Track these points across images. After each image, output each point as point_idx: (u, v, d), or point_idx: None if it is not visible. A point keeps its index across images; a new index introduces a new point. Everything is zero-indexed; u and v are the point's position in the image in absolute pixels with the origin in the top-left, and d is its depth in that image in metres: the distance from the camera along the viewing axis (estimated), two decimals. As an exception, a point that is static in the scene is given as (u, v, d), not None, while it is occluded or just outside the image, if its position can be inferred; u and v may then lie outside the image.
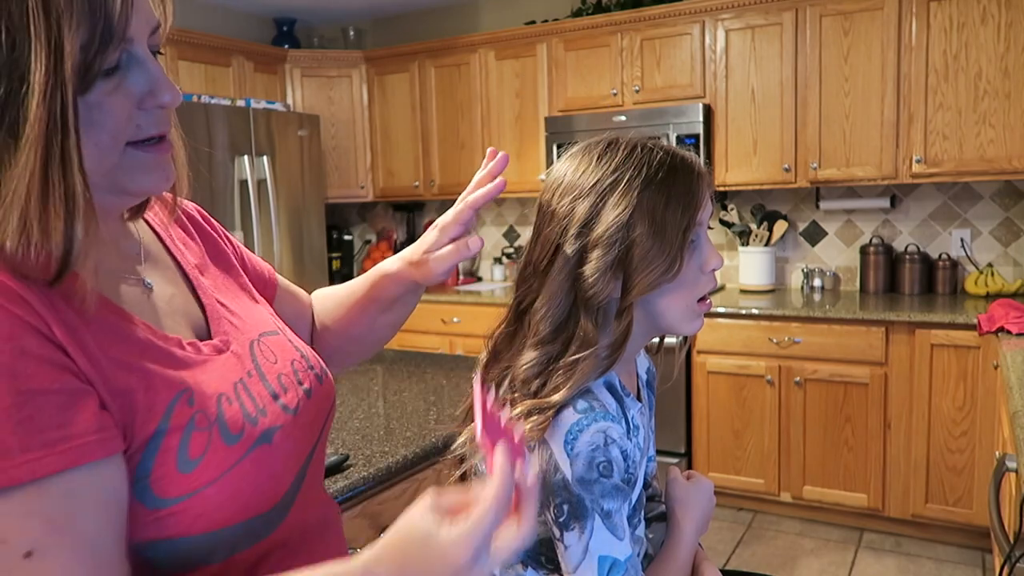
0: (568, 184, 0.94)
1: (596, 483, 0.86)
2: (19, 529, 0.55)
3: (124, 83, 0.64)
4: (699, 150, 3.49)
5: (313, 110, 4.34)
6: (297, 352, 0.84)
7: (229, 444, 0.69)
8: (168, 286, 0.78)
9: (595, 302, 0.90)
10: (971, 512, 2.96)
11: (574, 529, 0.86)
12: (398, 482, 1.51)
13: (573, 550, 0.86)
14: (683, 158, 0.95)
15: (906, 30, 3.16)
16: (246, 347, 0.79)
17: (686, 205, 0.93)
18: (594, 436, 0.87)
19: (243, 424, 0.71)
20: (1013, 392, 1.86)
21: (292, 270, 3.91)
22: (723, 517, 3.39)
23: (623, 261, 0.90)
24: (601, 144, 0.96)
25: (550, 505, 0.88)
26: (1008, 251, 3.40)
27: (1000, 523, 1.47)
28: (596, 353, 0.91)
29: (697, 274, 0.96)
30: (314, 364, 0.85)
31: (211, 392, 0.70)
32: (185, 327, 0.76)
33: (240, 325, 0.81)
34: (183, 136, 0.76)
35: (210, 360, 0.73)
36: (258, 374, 0.77)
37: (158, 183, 0.70)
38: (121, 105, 0.63)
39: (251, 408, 0.73)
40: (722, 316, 3.33)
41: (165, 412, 0.66)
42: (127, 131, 0.65)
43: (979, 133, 3.07)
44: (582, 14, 3.96)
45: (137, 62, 0.65)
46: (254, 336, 0.81)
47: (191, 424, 0.67)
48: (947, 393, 2.95)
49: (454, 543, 0.56)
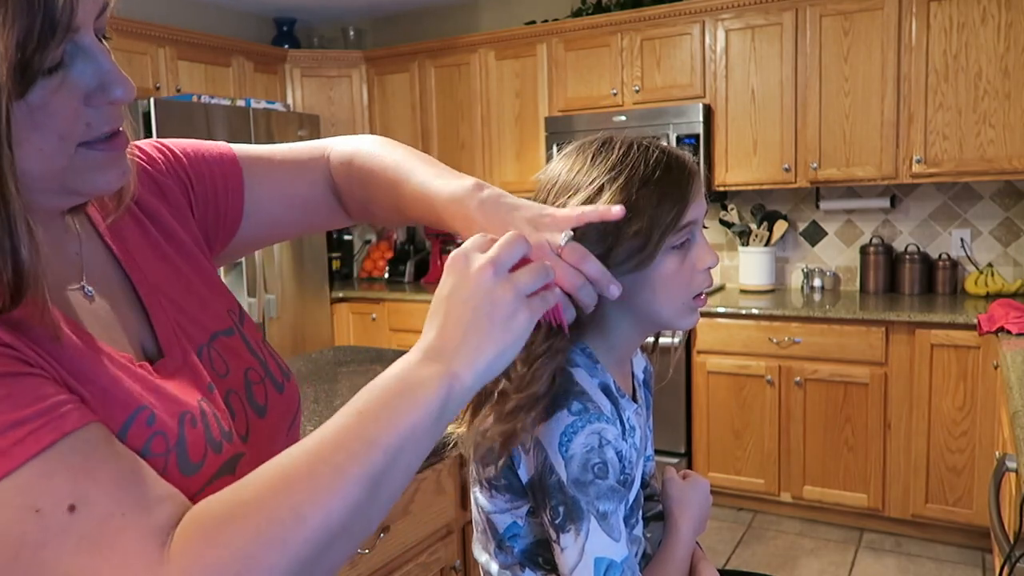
0: (563, 183, 0.94)
1: (591, 485, 0.86)
2: (48, 492, 0.50)
3: (69, 78, 0.55)
4: (699, 150, 3.49)
5: (313, 110, 4.34)
6: (253, 358, 0.75)
7: (186, 474, 0.60)
8: (109, 293, 0.68)
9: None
10: (971, 512, 2.96)
11: (570, 531, 0.86)
12: (398, 482, 1.51)
13: (569, 552, 0.86)
14: (677, 156, 0.96)
15: (906, 30, 3.15)
16: (197, 358, 0.70)
17: (678, 203, 0.93)
18: (588, 438, 0.87)
19: (205, 450, 0.62)
20: (1013, 392, 1.86)
21: (292, 270, 3.91)
22: (723, 517, 3.39)
23: (606, 256, 0.88)
24: (596, 143, 0.96)
25: (546, 507, 0.88)
26: (1008, 251, 3.40)
27: (1000, 523, 1.47)
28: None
29: (692, 272, 0.96)
30: (273, 371, 0.76)
31: (174, 410, 0.62)
32: (130, 343, 0.67)
33: (190, 328, 0.71)
34: (134, 125, 0.67)
35: (164, 380, 0.65)
36: (214, 392, 0.68)
37: (113, 181, 0.62)
38: (67, 103, 0.55)
39: (216, 432, 0.64)
40: (722, 316, 3.33)
41: (120, 430, 0.58)
42: (76, 132, 0.57)
43: (979, 133, 3.07)
44: (582, 14, 3.96)
45: (83, 54, 0.56)
46: (204, 340, 0.72)
47: (146, 448, 0.58)
48: (947, 393, 2.95)
49: (479, 263, 0.60)
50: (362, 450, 0.55)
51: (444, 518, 1.66)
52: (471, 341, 0.58)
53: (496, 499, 0.95)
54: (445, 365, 0.58)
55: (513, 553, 0.96)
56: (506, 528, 0.95)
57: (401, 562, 1.55)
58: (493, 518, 0.96)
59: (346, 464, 0.54)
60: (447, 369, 0.58)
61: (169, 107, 3.30)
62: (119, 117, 0.61)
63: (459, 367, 0.58)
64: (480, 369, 0.59)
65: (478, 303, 0.59)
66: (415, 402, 0.57)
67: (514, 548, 0.95)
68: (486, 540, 0.99)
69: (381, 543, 1.47)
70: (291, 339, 3.89)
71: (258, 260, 3.64)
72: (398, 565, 1.54)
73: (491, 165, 4.16)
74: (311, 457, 0.55)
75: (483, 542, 1.00)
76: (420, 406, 0.57)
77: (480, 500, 0.97)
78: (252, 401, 0.72)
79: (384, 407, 0.57)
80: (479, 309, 0.58)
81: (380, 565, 1.49)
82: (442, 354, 0.59)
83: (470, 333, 0.58)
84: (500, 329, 0.59)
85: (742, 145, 3.52)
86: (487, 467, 0.94)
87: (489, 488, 0.95)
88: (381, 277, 4.75)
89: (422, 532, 1.60)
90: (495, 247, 0.61)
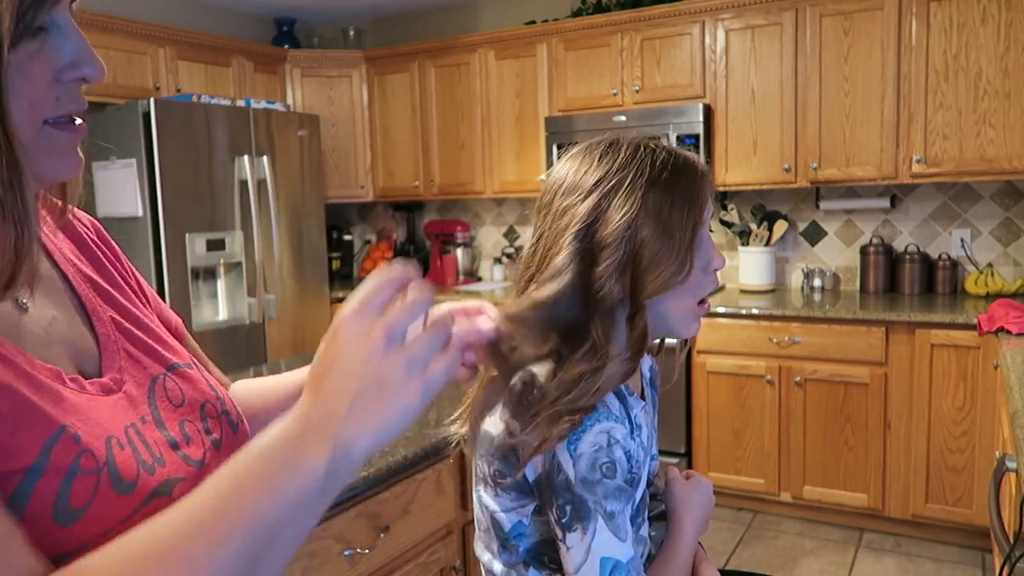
0: (570, 185, 0.93)
1: (599, 484, 0.86)
2: None
3: (45, 47, 0.55)
4: (699, 150, 3.49)
5: (313, 110, 4.34)
6: (211, 392, 0.72)
7: (120, 493, 0.57)
8: (50, 308, 0.65)
9: (605, 304, 0.90)
10: (971, 512, 2.96)
11: (576, 530, 0.86)
12: (398, 482, 1.51)
13: (575, 551, 0.86)
14: (686, 158, 0.95)
15: (906, 30, 3.15)
16: (144, 387, 0.66)
17: (691, 205, 0.92)
18: (597, 437, 0.87)
19: (138, 471, 0.59)
20: (1013, 392, 1.86)
21: (292, 270, 3.91)
22: (723, 517, 3.39)
23: (631, 263, 0.90)
24: (603, 144, 0.96)
25: (553, 505, 0.88)
26: (1008, 251, 3.40)
27: (1000, 523, 1.47)
28: (621, 357, 0.91)
29: (700, 274, 0.96)
30: (230, 409, 0.73)
31: (99, 433, 0.59)
32: (66, 359, 0.63)
33: (143, 358, 0.69)
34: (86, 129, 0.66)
35: (95, 399, 0.61)
36: (154, 421, 0.65)
37: (71, 168, 0.61)
38: (42, 72, 0.55)
39: (146, 456, 0.61)
40: (722, 316, 3.33)
41: (43, 449, 0.54)
42: (46, 104, 0.56)
43: (979, 133, 3.07)
44: (582, 14, 3.96)
45: (60, 28, 0.56)
46: (159, 371, 0.69)
47: (75, 465, 0.55)
48: (947, 393, 2.95)
49: (371, 332, 0.54)
50: (241, 525, 0.50)
51: (444, 518, 1.66)
52: (357, 415, 0.53)
53: (501, 498, 0.94)
54: (330, 438, 0.52)
55: (518, 552, 0.95)
56: (512, 527, 0.95)
57: (401, 562, 1.55)
58: (498, 517, 0.96)
59: (225, 539, 0.50)
60: (332, 442, 0.52)
61: (169, 107, 3.30)
62: (84, 102, 0.60)
63: (345, 440, 0.52)
64: (366, 444, 0.53)
65: (365, 377, 0.53)
66: (298, 475, 0.51)
67: (519, 547, 0.95)
68: (489, 539, 0.99)
69: (381, 543, 1.47)
70: (291, 339, 3.89)
71: (258, 260, 3.64)
72: (398, 565, 1.54)
73: (491, 165, 4.16)
74: (189, 529, 0.50)
75: (486, 541, 1.00)
76: (304, 479, 0.51)
77: (484, 499, 0.97)
78: (208, 432, 0.69)
79: (264, 479, 0.51)
80: (366, 383, 0.53)
81: (380, 565, 1.49)
82: (328, 425, 0.53)
83: (356, 406, 0.53)
84: (388, 404, 0.53)
85: (742, 145, 3.52)
86: (493, 465, 0.94)
87: (494, 486, 0.95)
88: (381, 277, 4.74)
89: (422, 532, 1.60)
90: (390, 313, 0.55)
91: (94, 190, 3.35)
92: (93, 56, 0.58)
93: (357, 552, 1.41)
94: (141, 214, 3.27)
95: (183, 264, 3.35)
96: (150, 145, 3.23)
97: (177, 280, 3.33)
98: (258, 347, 3.72)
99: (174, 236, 3.31)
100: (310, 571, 1.32)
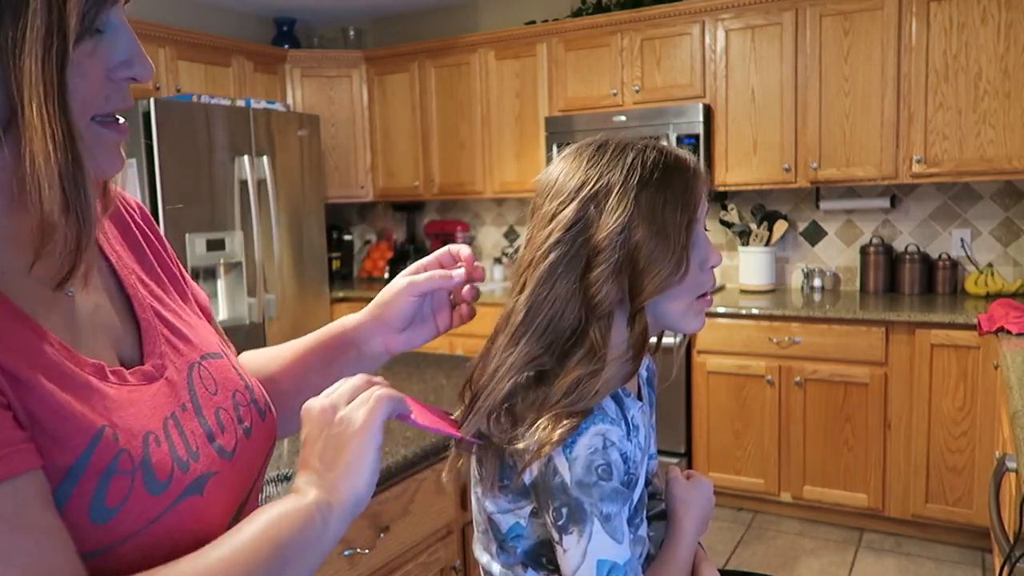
0: (560, 187, 0.93)
1: (595, 486, 0.86)
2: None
3: (100, 46, 0.58)
4: (699, 150, 3.49)
5: (313, 110, 4.34)
6: (241, 381, 0.76)
7: (153, 493, 0.60)
8: (93, 295, 0.67)
9: (602, 308, 0.90)
10: (971, 512, 2.96)
11: (572, 533, 0.86)
12: (398, 482, 1.51)
13: (572, 553, 0.86)
14: (676, 156, 0.95)
15: (906, 30, 3.15)
16: (184, 373, 0.70)
17: (684, 204, 0.92)
18: (593, 439, 0.87)
19: (172, 469, 0.62)
20: (1013, 392, 1.86)
21: (292, 270, 3.91)
22: (723, 517, 3.39)
23: (628, 264, 0.90)
24: (592, 146, 0.95)
25: (549, 508, 0.87)
26: (1008, 251, 3.40)
27: (1000, 523, 1.47)
28: (620, 360, 0.91)
29: (697, 272, 0.95)
30: (258, 397, 0.77)
31: (138, 429, 0.61)
32: (108, 346, 0.66)
33: (181, 345, 0.72)
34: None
35: (137, 391, 0.64)
36: (194, 408, 0.68)
37: (115, 165, 0.63)
38: (96, 70, 0.57)
39: (182, 451, 0.64)
40: (722, 316, 3.32)
41: (84, 452, 0.57)
42: (97, 101, 0.58)
43: (979, 133, 3.07)
44: (582, 14, 3.96)
45: (115, 28, 0.59)
46: (195, 358, 0.72)
47: (114, 465, 0.58)
48: (947, 393, 2.95)
49: (319, 406, 0.70)
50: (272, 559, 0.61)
51: (444, 518, 1.66)
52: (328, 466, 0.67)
53: (499, 499, 0.94)
54: (317, 488, 0.66)
55: (516, 553, 0.95)
56: (509, 528, 0.95)
57: (401, 562, 1.55)
58: (495, 518, 0.96)
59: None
60: (318, 491, 0.66)
61: (169, 107, 3.30)
62: (131, 100, 0.62)
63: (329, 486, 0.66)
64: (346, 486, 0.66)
65: (327, 441, 0.68)
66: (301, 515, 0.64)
67: (517, 548, 0.95)
68: (487, 540, 0.99)
69: (381, 543, 1.47)
70: (291, 339, 3.87)
71: (258, 260, 3.64)
72: (398, 565, 1.54)
73: (491, 165, 4.16)
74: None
75: (484, 542, 1.00)
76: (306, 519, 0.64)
77: (482, 500, 0.97)
78: (240, 421, 0.73)
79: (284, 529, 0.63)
80: (327, 444, 0.68)
81: (380, 565, 1.49)
82: (314, 482, 0.67)
83: (325, 461, 0.67)
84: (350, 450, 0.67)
85: (742, 145, 3.52)
86: (491, 469, 0.94)
87: (492, 489, 0.95)
88: (381, 277, 4.75)
89: (422, 532, 1.60)
90: (333, 396, 0.72)
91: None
92: (144, 56, 0.61)
93: (357, 552, 1.41)
94: (141, 214, 3.26)
95: (183, 264, 3.35)
96: (150, 145, 3.23)
97: (177, 280, 3.32)
98: (258, 347, 3.69)
99: (174, 236, 3.31)
100: (310, 571, 1.32)
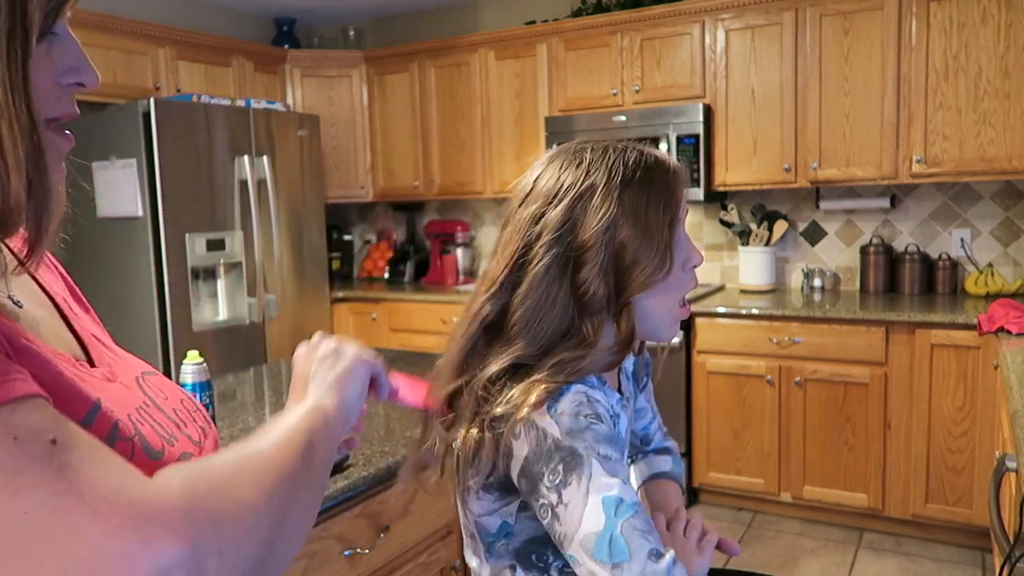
0: (538, 192, 0.95)
1: (587, 430, 0.85)
2: (30, 424, 0.51)
3: (51, 51, 0.59)
4: (699, 150, 3.49)
5: (313, 110, 4.34)
6: (183, 392, 0.79)
7: (152, 459, 0.63)
8: (36, 308, 0.69)
9: (593, 305, 0.91)
10: (971, 512, 2.96)
11: (572, 482, 0.82)
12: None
13: (574, 503, 0.82)
14: (656, 157, 0.97)
15: (906, 30, 3.15)
16: (132, 381, 0.72)
17: (667, 203, 0.94)
18: (575, 395, 0.88)
19: (162, 443, 0.65)
20: (1013, 392, 1.86)
21: (292, 270, 3.91)
22: (723, 517, 3.39)
23: (614, 262, 0.91)
24: (570, 151, 0.97)
25: (544, 476, 0.84)
26: (1008, 251, 3.40)
27: (1000, 523, 1.47)
28: (608, 351, 0.93)
29: (679, 271, 0.97)
30: (200, 408, 0.80)
31: (120, 409, 0.64)
32: (65, 352, 0.67)
33: (120, 362, 0.74)
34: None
35: (104, 383, 0.67)
36: (154, 406, 0.71)
37: (59, 174, 0.63)
38: (49, 72, 0.59)
39: (162, 431, 0.67)
40: (722, 316, 3.33)
41: (86, 416, 0.59)
42: (49, 101, 0.60)
43: (979, 133, 3.07)
44: (582, 14, 3.96)
45: (61, 37, 0.61)
46: (137, 372, 0.75)
47: (115, 431, 0.61)
48: (947, 393, 2.95)
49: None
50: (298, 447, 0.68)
51: (444, 518, 1.66)
52: (318, 383, 0.81)
53: (483, 500, 0.95)
54: (318, 400, 0.78)
55: (504, 554, 0.96)
56: (497, 529, 0.95)
57: (401, 562, 1.55)
58: (482, 521, 0.96)
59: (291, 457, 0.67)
60: (312, 401, 0.78)
61: (169, 107, 3.30)
62: (77, 109, 0.64)
63: (327, 399, 0.79)
64: (334, 395, 0.80)
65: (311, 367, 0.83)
66: (305, 413, 0.74)
67: (507, 546, 0.95)
68: (476, 545, 0.99)
69: (381, 543, 1.47)
70: (291, 339, 3.89)
71: (258, 260, 3.64)
72: (398, 565, 1.54)
73: (491, 165, 4.16)
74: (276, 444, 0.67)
75: (473, 547, 1.01)
76: (310, 415, 0.74)
77: (469, 505, 0.97)
78: (195, 421, 0.75)
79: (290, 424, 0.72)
80: (313, 368, 0.83)
81: (380, 565, 1.49)
82: (315, 394, 0.79)
83: (316, 380, 0.81)
84: (335, 367, 0.83)
85: (742, 145, 3.52)
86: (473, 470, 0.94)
87: (477, 490, 0.95)
88: (381, 277, 4.75)
89: (422, 532, 1.60)
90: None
91: (94, 190, 3.35)
92: (91, 65, 0.63)
93: (357, 552, 1.41)
94: (141, 214, 3.27)
95: (183, 264, 3.35)
96: (150, 145, 3.23)
97: (177, 280, 3.33)
98: (258, 347, 3.72)
99: (174, 236, 3.31)
100: (310, 571, 1.33)
